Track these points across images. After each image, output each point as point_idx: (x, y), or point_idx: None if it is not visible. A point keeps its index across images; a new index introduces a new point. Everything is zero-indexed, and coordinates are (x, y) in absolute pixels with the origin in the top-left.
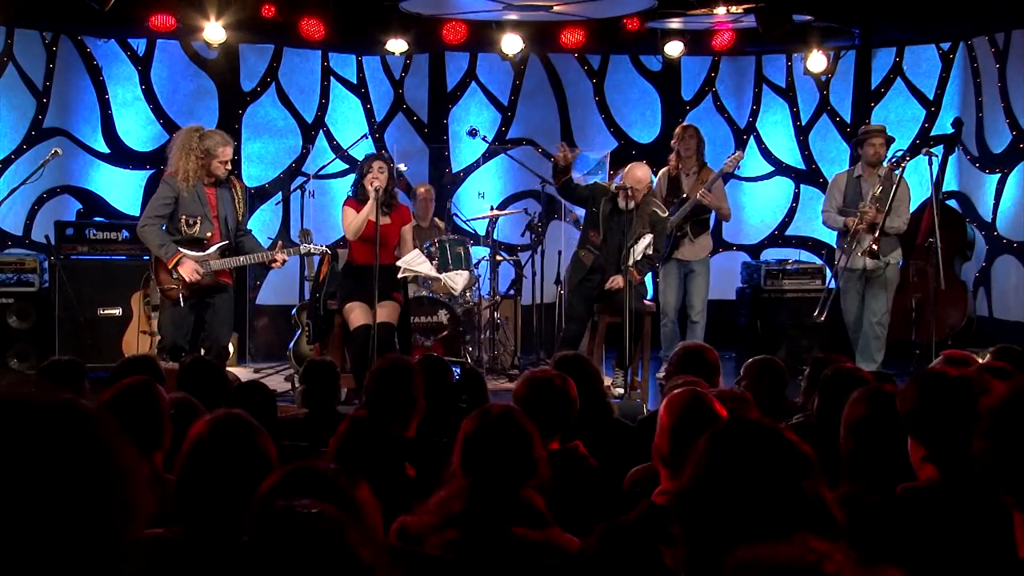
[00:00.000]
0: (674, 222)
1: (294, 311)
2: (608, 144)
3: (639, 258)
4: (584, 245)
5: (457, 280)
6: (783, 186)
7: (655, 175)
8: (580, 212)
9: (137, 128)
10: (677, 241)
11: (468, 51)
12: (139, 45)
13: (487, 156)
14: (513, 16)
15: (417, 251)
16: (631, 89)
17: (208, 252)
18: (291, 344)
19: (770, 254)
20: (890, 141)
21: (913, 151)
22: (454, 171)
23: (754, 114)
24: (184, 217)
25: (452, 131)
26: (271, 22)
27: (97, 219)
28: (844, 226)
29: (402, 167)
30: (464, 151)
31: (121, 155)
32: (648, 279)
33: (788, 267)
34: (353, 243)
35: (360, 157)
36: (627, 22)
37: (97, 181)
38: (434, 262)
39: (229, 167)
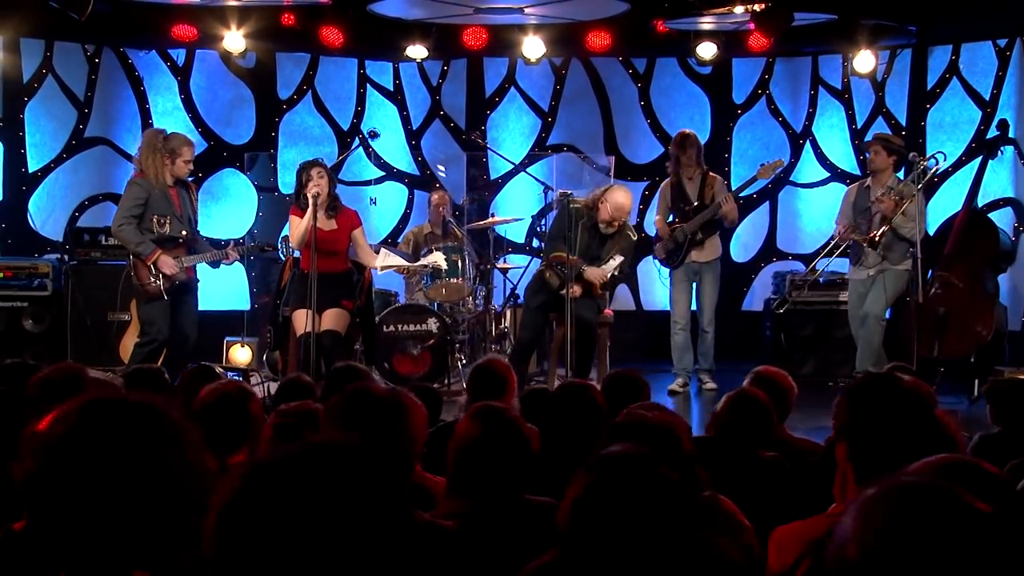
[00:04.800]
0: (689, 229)
1: None
2: (654, 150)
3: (606, 279)
4: (552, 266)
5: (438, 258)
6: (839, 193)
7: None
8: None
9: None
10: (690, 246)
11: (490, 56)
12: (179, 55)
13: (526, 162)
14: (533, 20)
15: (384, 250)
16: (678, 93)
17: (179, 249)
18: (266, 352)
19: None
20: (893, 149)
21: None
22: (492, 177)
23: (810, 117)
24: (155, 217)
25: (491, 137)
26: (291, 31)
27: None
28: (835, 234)
29: (441, 170)
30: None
31: None
32: (664, 280)
33: (810, 278)
34: (303, 251)
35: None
36: (657, 23)
37: None
38: (429, 268)
39: (191, 167)
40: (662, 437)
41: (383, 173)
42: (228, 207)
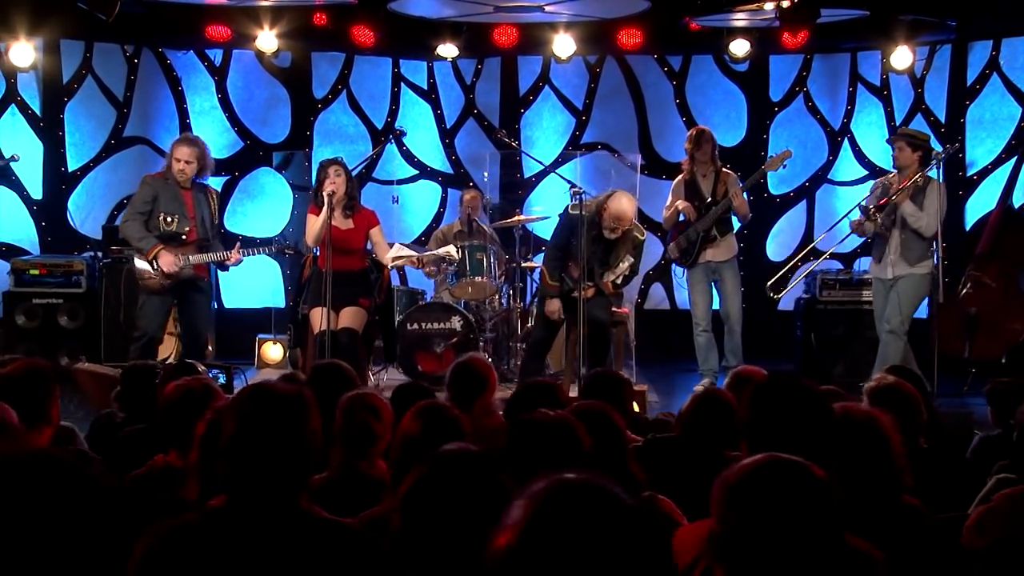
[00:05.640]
0: (701, 228)
1: None
2: None
3: (619, 281)
4: (558, 275)
5: (450, 249)
6: None
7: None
8: None
9: (213, 136)
10: (703, 245)
11: (524, 55)
12: (216, 55)
13: (559, 161)
14: (563, 18)
15: (397, 244)
16: (714, 90)
17: (186, 247)
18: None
19: (865, 263)
20: (917, 144)
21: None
22: (525, 176)
23: (848, 115)
24: (163, 215)
25: (525, 136)
26: (324, 30)
27: None
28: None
29: (485, 175)
30: (535, 156)
31: None
32: (682, 282)
33: (842, 277)
34: (320, 249)
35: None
36: (688, 21)
37: None
38: (452, 267)
39: (182, 167)
40: (560, 435)
41: (416, 172)
42: (264, 206)
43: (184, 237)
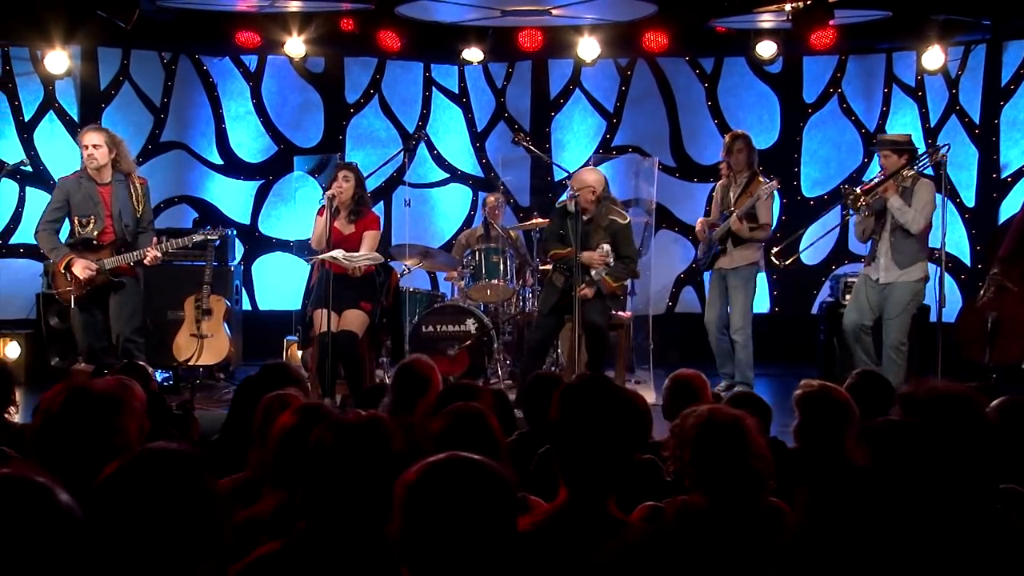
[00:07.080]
0: (716, 236)
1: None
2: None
3: (601, 270)
4: (557, 267)
5: (357, 259)
6: None
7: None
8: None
9: (248, 140)
10: (717, 254)
11: (555, 58)
12: (251, 61)
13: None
14: (588, 21)
15: (340, 250)
16: (747, 92)
17: (100, 253)
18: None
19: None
20: (901, 149)
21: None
22: (556, 179)
23: (883, 116)
24: (77, 218)
25: (555, 139)
26: (352, 35)
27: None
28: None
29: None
30: (566, 159)
31: (233, 166)
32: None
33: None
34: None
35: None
36: (713, 22)
37: (211, 191)
38: (469, 271)
39: (91, 152)
40: (368, 435)
41: (447, 175)
42: (298, 210)
43: (95, 242)
